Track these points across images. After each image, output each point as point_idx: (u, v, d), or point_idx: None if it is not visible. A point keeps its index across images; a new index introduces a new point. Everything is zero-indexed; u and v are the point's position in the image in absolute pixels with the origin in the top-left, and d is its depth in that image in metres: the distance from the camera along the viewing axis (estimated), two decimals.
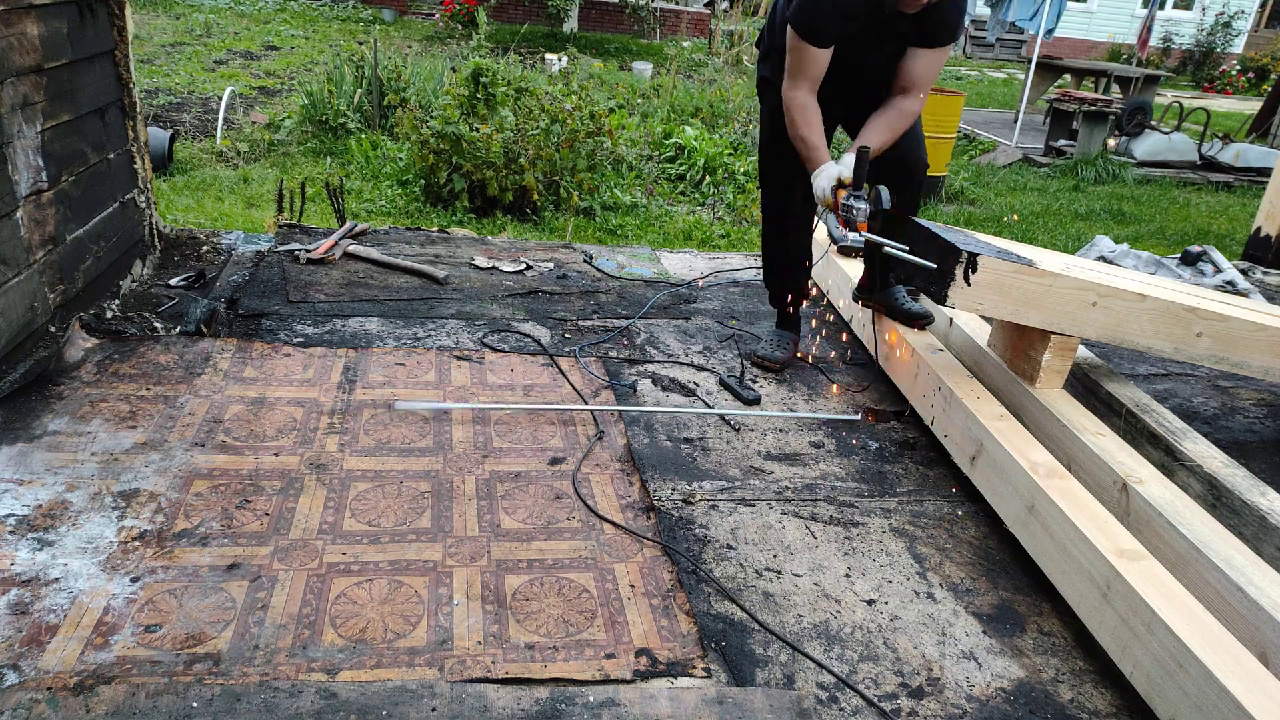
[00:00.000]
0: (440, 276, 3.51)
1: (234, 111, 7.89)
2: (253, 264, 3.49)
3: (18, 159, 2.46)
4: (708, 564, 2.04)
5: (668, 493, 2.29)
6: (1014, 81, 16.33)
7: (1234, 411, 3.15)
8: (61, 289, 2.72)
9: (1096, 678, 1.82)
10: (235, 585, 1.83)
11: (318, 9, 15.59)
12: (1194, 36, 19.58)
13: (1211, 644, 1.57)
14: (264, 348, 2.83)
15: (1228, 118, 13.24)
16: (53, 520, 1.96)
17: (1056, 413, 2.38)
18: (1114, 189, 8.67)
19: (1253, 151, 9.55)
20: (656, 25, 16.19)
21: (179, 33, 11.95)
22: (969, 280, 2.32)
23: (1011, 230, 6.89)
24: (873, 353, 3.07)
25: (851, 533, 2.21)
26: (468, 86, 6.18)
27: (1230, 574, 1.77)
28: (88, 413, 2.38)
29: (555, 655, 1.73)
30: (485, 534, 2.06)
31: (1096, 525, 1.89)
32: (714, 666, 1.74)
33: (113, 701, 1.52)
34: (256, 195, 5.86)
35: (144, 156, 3.38)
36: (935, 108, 7.32)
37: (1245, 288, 4.12)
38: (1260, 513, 2.04)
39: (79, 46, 2.81)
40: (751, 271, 4.00)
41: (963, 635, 1.90)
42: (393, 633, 1.74)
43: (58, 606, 1.73)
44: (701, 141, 7.46)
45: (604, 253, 4.09)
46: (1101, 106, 9.09)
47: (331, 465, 2.26)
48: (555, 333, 3.17)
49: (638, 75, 11.45)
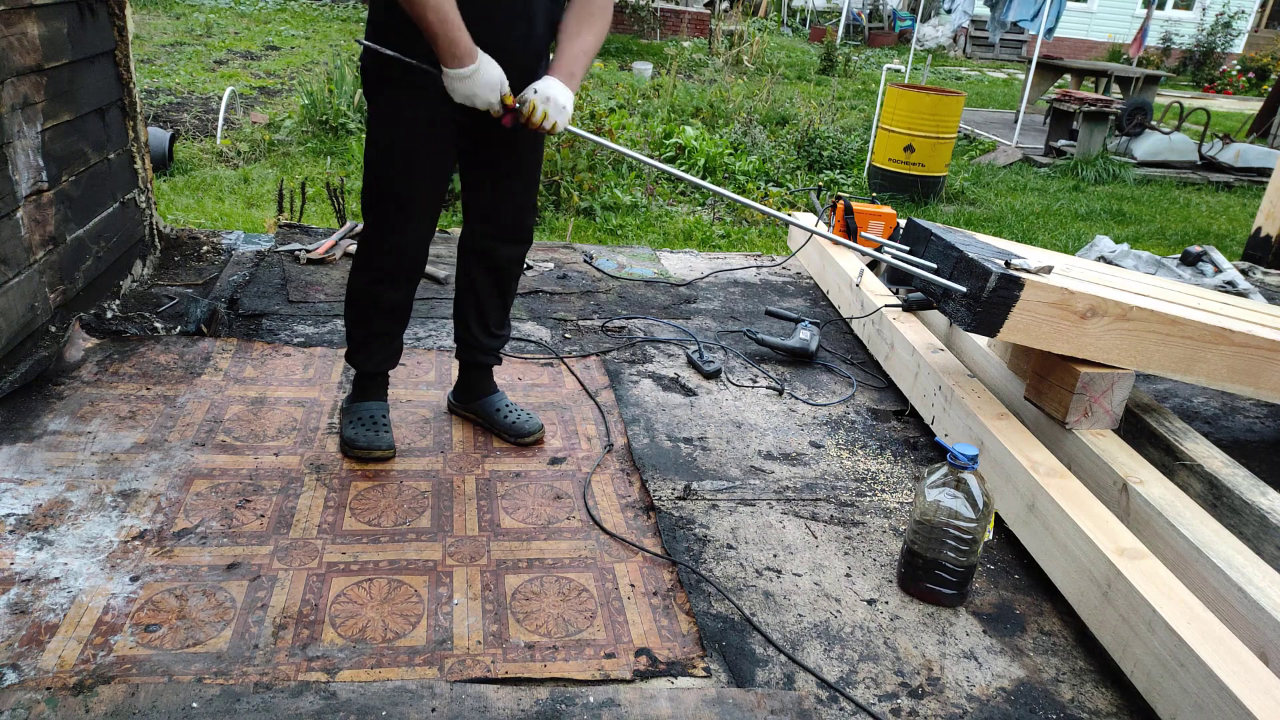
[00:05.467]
0: (440, 276, 3.51)
1: (234, 111, 7.89)
2: (253, 264, 3.49)
3: (18, 159, 2.46)
4: (708, 563, 2.04)
5: (668, 492, 2.29)
6: (1014, 81, 16.33)
7: (1234, 411, 3.15)
8: (62, 289, 2.72)
9: (1097, 677, 1.82)
10: (235, 585, 1.83)
11: (318, 9, 15.59)
12: (1194, 36, 19.57)
13: (1212, 643, 1.57)
14: (264, 348, 2.83)
15: (1228, 118, 13.24)
16: (53, 520, 1.96)
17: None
18: (1114, 189, 8.67)
19: (1253, 151, 9.55)
20: (657, 25, 16.19)
21: (179, 33, 11.95)
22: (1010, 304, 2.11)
23: (1011, 231, 6.89)
24: (873, 353, 3.07)
25: (852, 532, 2.21)
26: None
27: (1230, 574, 1.77)
28: (88, 412, 2.38)
29: (555, 655, 1.73)
30: (485, 533, 2.06)
31: (1097, 524, 1.88)
32: (714, 666, 1.74)
33: (112, 701, 1.52)
34: (257, 195, 5.86)
35: (144, 156, 3.38)
36: (935, 107, 7.33)
37: (1245, 288, 4.11)
38: (1260, 512, 2.04)
39: (79, 46, 2.81)
40: (751, 271, 4.00)
41: (963, 635, 1.90)
42: (392, 632, 1.74)
43: (57, 606, 1.73)
44: (702, 141, 7.46)
45: (604, 253, 4.09)
46: (1102, 106, 9.08)
47: (331, 465, 2.26)
48: (555, 333, 3.17)
49: (638, 75, 11.45)
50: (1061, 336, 2.20)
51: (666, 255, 4.21)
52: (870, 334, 3.17)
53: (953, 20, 13.79)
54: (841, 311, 3.52)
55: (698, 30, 16.33)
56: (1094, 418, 2.28)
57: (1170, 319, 2.23)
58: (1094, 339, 2.21)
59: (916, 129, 7.35)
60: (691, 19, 16.66)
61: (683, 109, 9.07)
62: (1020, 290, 2.12)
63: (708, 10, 17.20)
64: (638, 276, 3.80)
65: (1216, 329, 2.27)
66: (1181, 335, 2.25)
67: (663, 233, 5.87)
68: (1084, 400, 2.25)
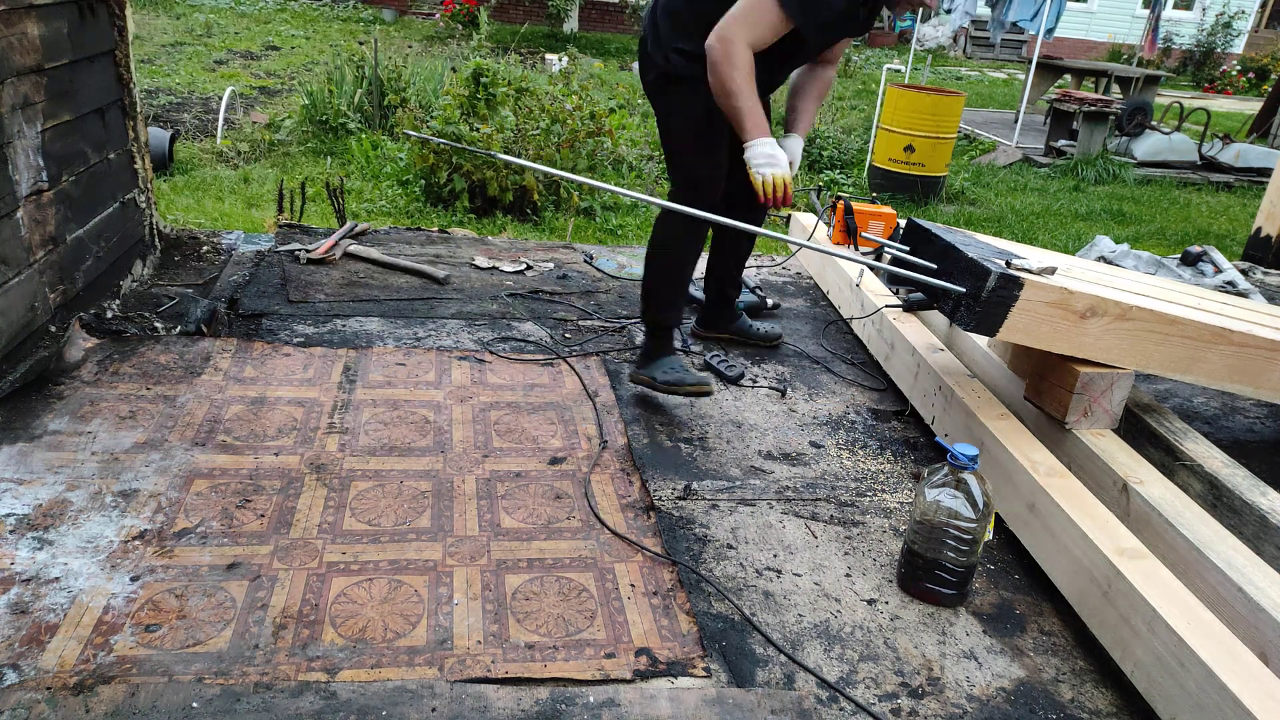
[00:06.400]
0: (440, 276, 3.51)
1: (234, 111, 7.89)
2: (253, 264, 3.49)
3: (18, 159, 2.46)
4: (708, 563, 2.04)
5: (668, 492, 2.29)
6: (1014, 81, 16.33)
7: (1234, 411, 3.15)
8: (62, 289, 2.72)
9: (1097, 677, 1.82)
10: (235, 585, 1.83)
11: (318, 9, 15.59)
12: (1194, 37, 19.58)
13: (1212, 643, 1.57)
14: (264, 347, 2.83)
15: (1228, 118, 13.24)
16: (53, 519, 1.96)
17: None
18: (1114, 189, 8.67)
19: (1253, 152, 9.55)
20: None
21: (179, 33, 11.95)
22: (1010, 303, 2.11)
23: (1012, 231, 6.89)
24: (873, 353, 3.07)
25: (852, 532, 2.21)
26: (468, 86, 6.18)
27: (1230, 574, 1.77)
28: (88, 412, 2.38)
29: (555, 655, 1.73)
30: (485, 533, 2.06)
31: (1097, 524, 1.88)
32: (714, 666, 1.74)
33: (112, 701, 1.52)
34: (257, 195, 5.86)
35: (144, 156, 3.38)
36: (935, 108, 7.33)
37: (1245, 288, 4.11)
38: (1260, 513, 2.04)
39: (79, 46, 2.81)
40: (751, 271, 4.00)
41: (963, 635, 1.90)
42: (393, 632, 1.74)
43: (57, 606, 1.73)
44: None
45: (604, 253, 4.09)
46: (1102, 107, 9.09)
47: (332, 465, 2.26)
48: (556, 333, 3.17)
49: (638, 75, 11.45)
50: (1061, 336, 2.20)
51: None
52: (870, 334, 3.17)
53: (953, 20, 13.78)
54: (841, 311, 3.52)
55: None
56: (1094, 418, 2.28)
57: (1169, 319, 2.23)
58: (1093, 339, 2.21)
59: (917, 129, 7.36)
60: None
61: None
62: (1020, 290, 2.12)
63: None
64: (638, 276, 3.80)
65: (1216, 329, 2.27)
66: (1181, 335, 2.25)
67: None
68: (1084, 400, 2.25)
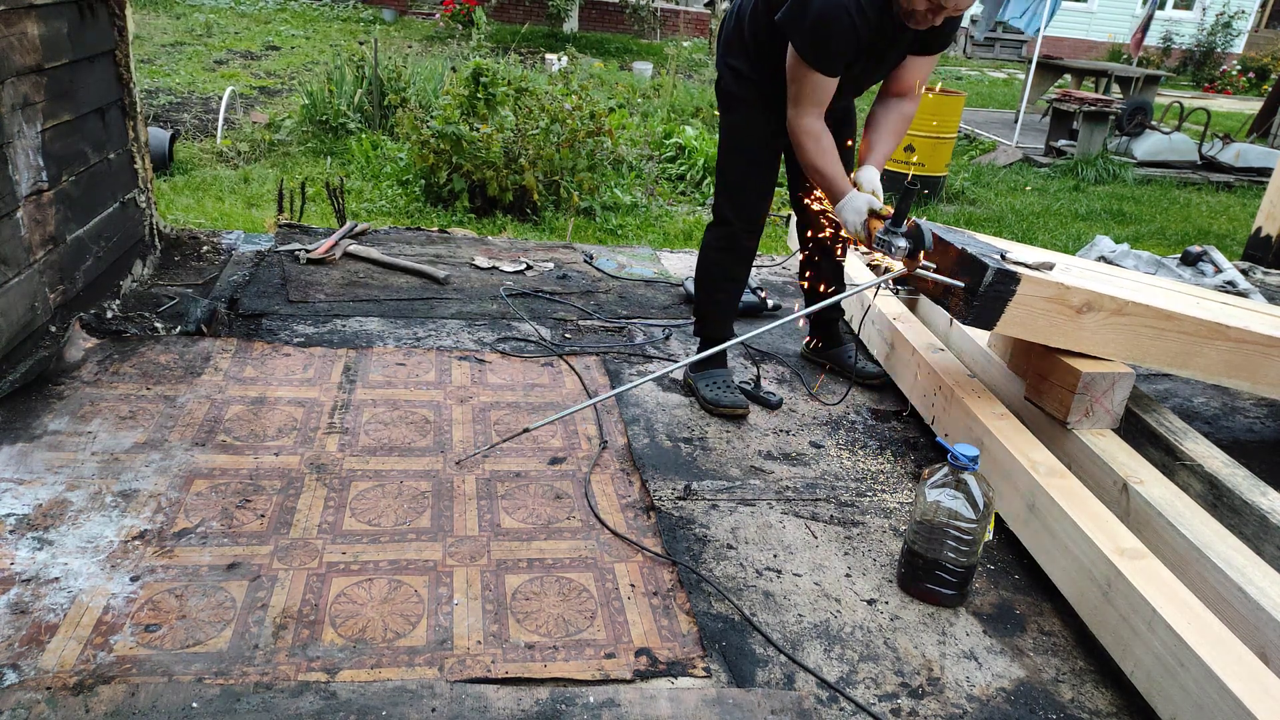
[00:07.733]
0: (440, 276, 3.51)
1: (234, 111, 7.89)
2: (253, 264, 3.49)
3: (18, 159, 2.46)
4: (708, 563, 2.04)
5: (668, 492, 2.29)
6: (1014, 81, 16.33)
7: (1234, 411, 3.15)
8: (62, 289, 2.72)
9: (1097, 677, 1.82)
10: (235, 585, 1.83)
11: (318, 9, 15.59)
12: (1194, 36, 19.57)
13: (1212, 643, 1.57)
14: (264, 347, 2.83)
15: (1228, 118, 13.23)
16: (53, 519, 1.96)
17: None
18: (1114, 189, 8.66)
19: (1253, 151, 9.55)
20: (656, 25, 16.19)
21: (179, 33, 11.95)
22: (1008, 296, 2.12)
23: (1012, 231, 6.89)
24: (873, 353, 3.07)
25: (852, 532, 2.21)
26: (468, 86, 6.18)
27: (1230, 574, 1.77)
28: (88, 412, 2.38)
29: (555, 655, 1.73)
30: (485, 533, 2.06)
31: (1097, 524, 1.88)
32: (714, 666, 1.74)
33: (112, 701, 1.52)
34: (257, 195, 5.86)
35: (144, 156, 3.38)
36: (935, 108, 7.32)
37: (1245, 288, 4.11)
38: (1261, 512, 2.04)
39: (79, 46, 2.81)
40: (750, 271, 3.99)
41: (963, 635, 1.90)
42: (392, 632, 1.74)
43: (57, 606, 1.73)
44: (702, 141, 7.45)
45: (604, 253, 4.09)
46: (1102, 106, 9.08)
47: (332, 465, 2.26)
48: (556, 332, 3.17)
49: (638, 75, 11.45)
50: (1058, 330, 2.21)
51: (667, 255, 4.21)
52: (870, 334, 3.17)
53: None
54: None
55: (698, 30, 16.32)
56: (1095, 417, 2.28)
57: (1165, 314, 2.24)
58: (1090, 333, 2.22)
59: (916, 129, 7.34)
60: (691, 19, 16.66)
61: (683, 109, 9.07)
62: (1016, 285, 2.13)
63: (708, 10, 17.18)
64: (638, 276, 3.80)
65: (1212, 324, 2.28)
66: (1177, 330, 2.26)
67: (663, 232, 5.87)
68: (1086, 400, 2.25)
